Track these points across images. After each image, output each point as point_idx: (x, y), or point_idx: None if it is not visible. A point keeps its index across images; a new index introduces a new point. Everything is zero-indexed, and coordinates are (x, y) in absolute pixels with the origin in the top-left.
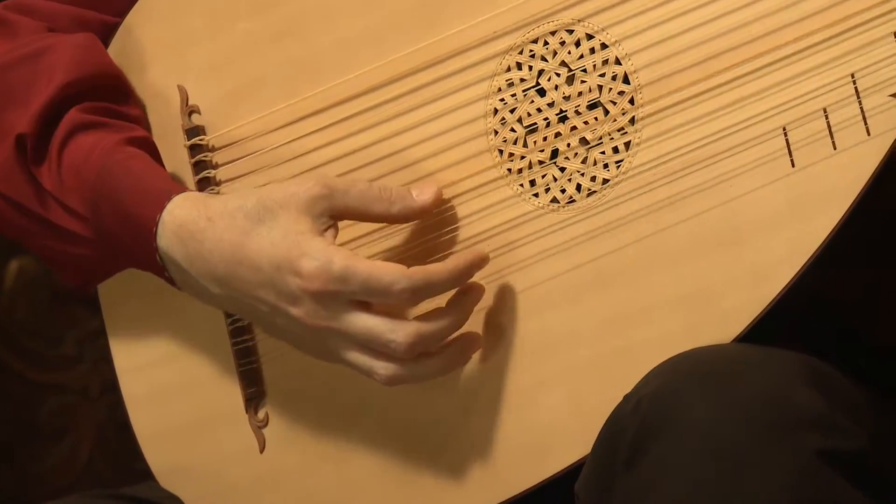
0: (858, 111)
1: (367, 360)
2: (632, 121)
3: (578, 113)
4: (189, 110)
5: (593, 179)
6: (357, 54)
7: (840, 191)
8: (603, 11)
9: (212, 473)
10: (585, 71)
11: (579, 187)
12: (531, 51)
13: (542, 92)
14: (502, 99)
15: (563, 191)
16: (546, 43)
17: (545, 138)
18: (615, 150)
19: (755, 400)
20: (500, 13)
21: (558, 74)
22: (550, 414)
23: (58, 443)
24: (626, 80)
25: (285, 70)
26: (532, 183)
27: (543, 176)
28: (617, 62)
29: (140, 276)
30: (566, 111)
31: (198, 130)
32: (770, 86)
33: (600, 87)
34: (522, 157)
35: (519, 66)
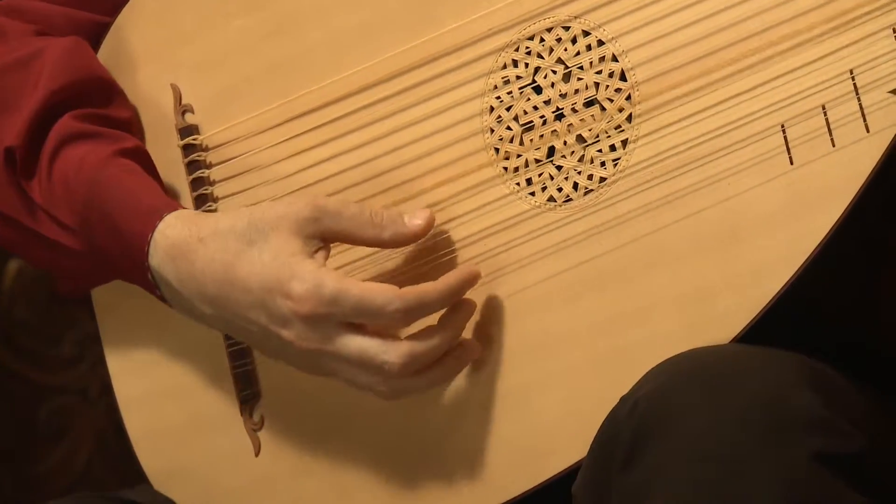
0: (857, 108)
1: (364, 379)
2: (629, 118)
3: (575, 110)
4: (182, 109)
5: (590, 178)
6: (351, 52)
7: (839, 188)
8: (599, 8)
9: (206, 476)
10: (582, 68)
11: (576, 186)
12: (527, 48)
13: (539, 89)
14: (498, 97)
15: (560, 189)
16: (542, 40)
17: (541, 136)
18: (612, 148)
19: (753, 402)
20: (496, 10)
21: (554, 72)
22: (547, 416)
23: (57, 444)
24: (623, 77)
25: (279, 68)
26: (528, 181)
27: (540, 174)
28: (613, 59)
29: None
30: (562, 109)
31: (191, 130)
32: (768, 82)
33: (597, 85)
34: (518, 156)
35: (515, 64)
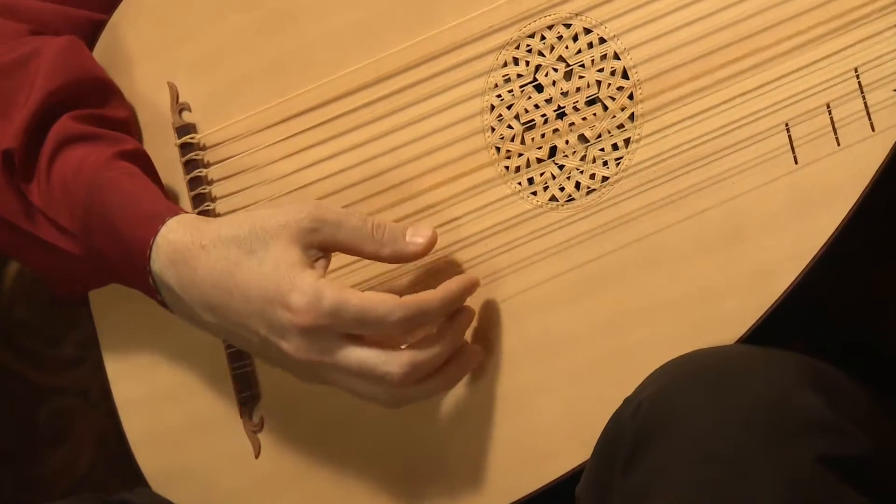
0: (862, 106)
1: (365, 389)
2: (631, 117)
3: (577, 109)
4: (179, 107)
5: (592, 177)
6: (350, 50)
7: (844, 188)
8: (601, 5)
9: (205, 478)
10: (583, 66)
11: (578, 185)
12: (528, 46)
13: (540, 88)
14: (499, 95)
15: (562, 189)
16: (543, 38)
17: (543, 135)
18: (615, 147)
19: (757, 403)
20: (496, 7)
21: (556, 70)
22: (550, 417)
23: (58, 447)
24: (625, 76)
25: (277, 66)
26: (530, 181)
27: (542, 174)
28: (615, 57)
29: None
30: (564, 107)
31: (188, 128)
32: (772, 81)
33: (599, 83)
34: (520, 155)
35: (516, 62)
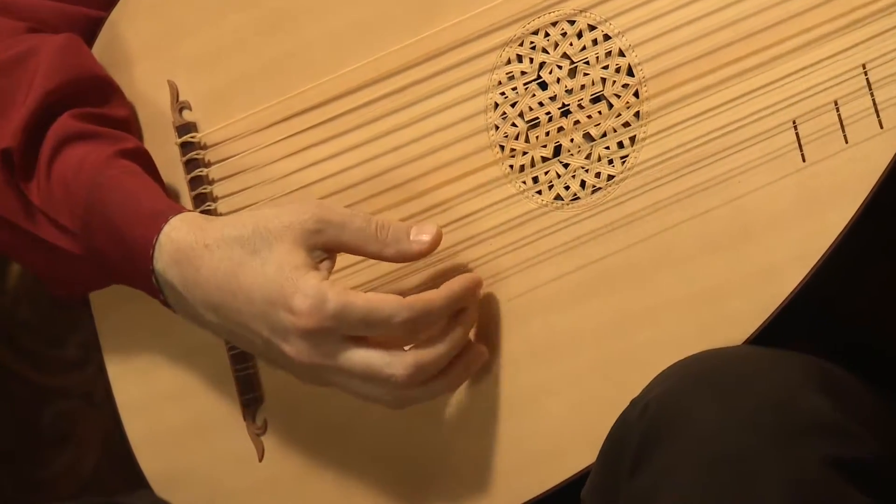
0: (871, 103)
1: (369, 391)
2: (637, 115)
3: (581, 107)
4: (180, 106)
5: (598, 176)
6: (351, 48)
7: (853, 186)
8: (606, 2)
9: (208, 481)
10: (588, 63)
11: (583, 184)
12: (532, 43)
13: (544, 85)
14: (503, 93)
15: (567, 188)
16: (547, 34)
17: (548, 133)
18: (620, 146)
19: (763, 404)
20: (500, 4)
21: (560, 67)
22: (556, 419)
23: (61, 449)
24: (631, 73)
25: (277, 65)
26: (535, 180)
27: (546, 172)
28: (620, 54)
29: None
30: (569, 105)
31: (189, 127)
32: (779, 78)
33: (603, 80)
34: (524, 153)
35: (519, 59)
